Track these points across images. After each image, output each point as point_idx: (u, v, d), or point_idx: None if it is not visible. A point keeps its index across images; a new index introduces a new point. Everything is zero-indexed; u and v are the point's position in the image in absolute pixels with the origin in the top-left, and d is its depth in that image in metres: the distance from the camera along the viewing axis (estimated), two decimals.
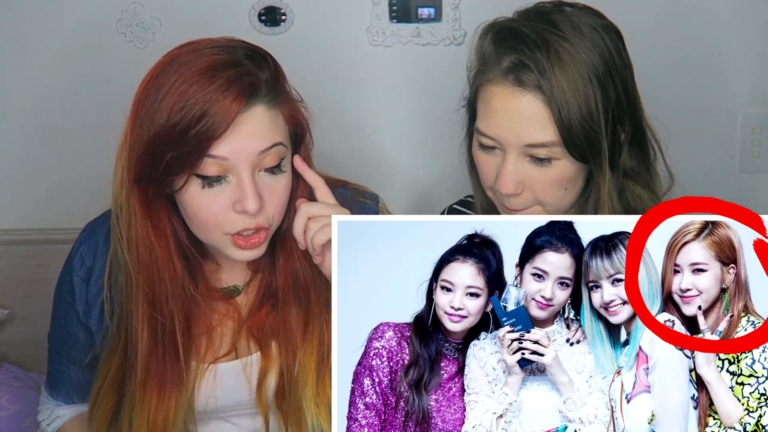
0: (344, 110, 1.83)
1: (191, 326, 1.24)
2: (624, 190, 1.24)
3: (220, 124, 1.09)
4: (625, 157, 1.22)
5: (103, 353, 1.27)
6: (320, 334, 1.25)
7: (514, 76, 1.16)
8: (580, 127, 1.14)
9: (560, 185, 1.19)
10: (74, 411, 1.37)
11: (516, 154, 1.18)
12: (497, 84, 1.18)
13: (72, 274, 1.29)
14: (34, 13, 1.80)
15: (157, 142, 1.11)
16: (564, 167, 1.18)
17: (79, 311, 1.29)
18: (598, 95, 1.15)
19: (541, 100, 1.14)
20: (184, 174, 1.12)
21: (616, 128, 1.19)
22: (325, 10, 1.79)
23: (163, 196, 1.17)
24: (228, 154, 1.11)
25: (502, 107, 1.17)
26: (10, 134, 1.87)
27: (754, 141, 1.85)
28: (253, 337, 1.27)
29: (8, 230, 1.90)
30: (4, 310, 1.87)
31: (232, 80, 1.10)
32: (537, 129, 1.15)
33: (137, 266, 1.19)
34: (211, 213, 1.14)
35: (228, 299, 1.28)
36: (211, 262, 1.28)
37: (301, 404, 1.24)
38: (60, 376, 1.35)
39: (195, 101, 1.09)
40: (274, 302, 1.26)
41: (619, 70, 1.18)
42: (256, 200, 1.12)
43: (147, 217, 1.17)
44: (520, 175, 1.18)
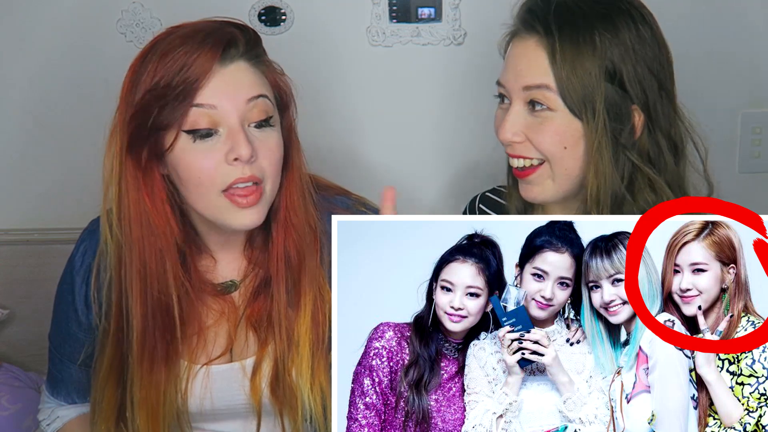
0: (344, 110, 1.84)
1: (185, 319, 1.25)
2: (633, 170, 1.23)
3: (200, 70, 1.13)
4: (644, 140, 1.23)
5: (96, 349, 1.27)
6: (314, 312, 1.25)
7: (525, 22, 1.22)
8: (574, 76, 1.18)
9: (559, 141, 1.21)
10: (74, 411, 1.37)
11: (518, 101, 1.22)
12: (515, 35, 1.25)
13: (72, 273, 1.29)
14: (34, 12, 1.80)
15: (143, 102, 1.14)
16: (562, 121, 1.20)
17: (79, 310, 1.29)
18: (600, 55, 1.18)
19: (542, 46, 1.19)
20: (173, 128, 1.14)
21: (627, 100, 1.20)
22: (325, 10, 1.79)
23: (157, 166, 1.18)
24: (216, 102, 1.14)
25: (512, 53, 1.24)
26: (9, 134, 1.87)
27: (754, 141, 1.85)
28: (252, 326, 1.27)
29: (8, 230, 1.90)
30: (4, 310, 1.87)
31: (209, 34, 1.16)
32: (534, 71, 1.20)
33: (130, 241, 1.19)
34: (204, 167, 1.15)
35: (224, 295, 1.28)
36: (208, 257, 1.28)
37: (296, 389, 1.24)
38: (60, 376, 1.35)
39: (175, 56, 1.13)
40: (270, 288, 1.27)
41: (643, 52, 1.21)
42: (247, 145, 1.14)
43: (142, 185, 1.18)
44: (520, 124, 1.22)
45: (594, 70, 1.18)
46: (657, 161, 1.23)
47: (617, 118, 1.20)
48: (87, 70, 1.82)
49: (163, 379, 1.23)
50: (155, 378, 1.22)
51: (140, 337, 1.21)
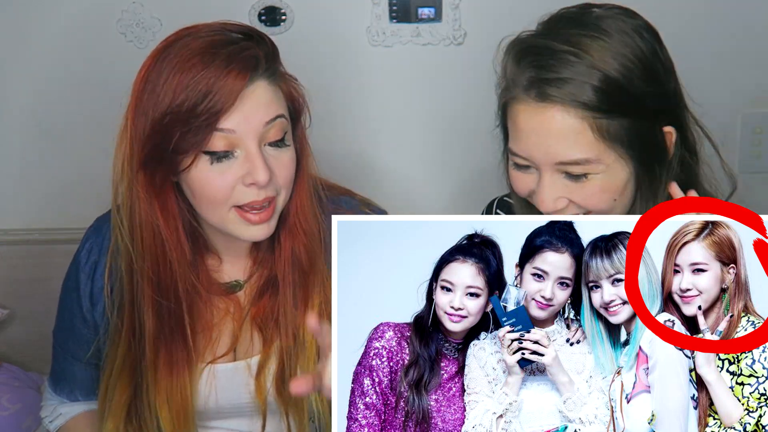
0: (344, 110, 1.84)
1: (194, 320, 1.25)
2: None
3: (226, 98, 1.11)
4: (675, 154, 1.17)
5: (107, 345, 1.27)
6: (320, 313, 1.25)
7: (537, 92, 1.12)
8: (612, 139, 1.10)
9: (606, 197, 1.15)
10: (77, 409, 1.37)
11: (551, 171, 1.14)
12: (521, 101, 1.14)
13: (78, 270, 1.30)
14: (34, 12, 1.80)
15: (164, 122, 1.12)
16: (604, 180, 1.13)
17: (83, 307, 1.29)
18: (630, 100, 1.10)
19: (567, 112, 1.10)
20: (193, 151, 1.13)
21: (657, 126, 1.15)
22: (325, 10, 1.79)
23: (170, 179, 1.18)
24: (235, 126, 1.13)
25: (528, 125, 1.13)
26: (10, 134, 1.87)
27: (754, 141, 1.85)
28: (257, 325, 1.27)
29: (8, 230, 1.90)
30: (5, 310, 1.87)
31: (232, 56, 1.13)
32: (567, 146, 1.11)
33: (141, 253, 1.20)
34: (220, 188, 1.15)
35: (229, 294, 1.28)
36: (213, 256, 1.28)
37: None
38: (64, 373, 1.35)
39: (199, 78, 1.11)
40: (275, 288, 1.27)
41: (654, 68, 1.14)
42: (265, 170, 1.14)
43: (155, 200, 1.17)
44: (559, 191, 1.14)
45: (624, 112, 1.10)
46: (686, 170, 1.21)
47: (657, 151, 1.15)
48: (87, 70, 1.82)
49: (187, 381, 1.24)
50: (177, 382, 1.23)
51: (153, 343, 1.22)
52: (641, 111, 1.13)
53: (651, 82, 1.13)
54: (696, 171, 1.23)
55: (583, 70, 1.10)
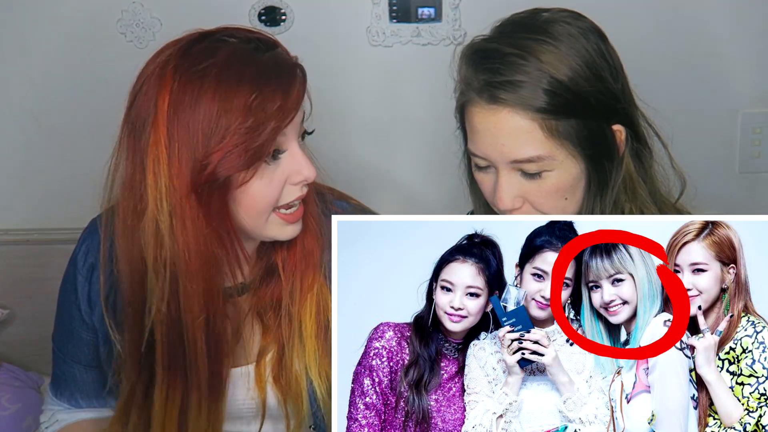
0: (344, 110, 1.84)
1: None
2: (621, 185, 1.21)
3: (282, 139, 1.12)
4: (626, 153, 1.20)
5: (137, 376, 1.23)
6: (318, 301, 1.24)
7: (488, 94, 1.15)
8: (561, 136, 1.14)
9: (559, 195, 1.18)
10: (75, 417, 1.36)
11: (507, 170, 1.17)
12: (475, 104, 1.17)
13: (75, 272, 1.29)
14: (34, 12, 1.80)
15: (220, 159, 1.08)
16: (558, 177, 1.17)
17: (82, 309, 1.28)
18: (577, 96, 1.13)
19: (517, 113, 1.13)
20: (257, 164, 1.10)
21: (606, 124, 1.18)
22: (325, 10, 1.79)
23: (226, 197, 1.12)
24: (287, 129, 1.13)
25: (482, 127, 1.17)
26: (10, 134, 1.87)
27: (754, 141, 1.85)
28: (257, 314, 1.26)
29: (8, 230, 1.90)
30: (4, 310, 1.87)
31: (287, 95, 1.12)
32: (519, 145, 1.14)
33: (191, 275, 1.13)
34: (274, 191, 1.14)
35: (236, 298, 1.28)
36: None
37: (300, 378, 1.24)
38: (64, 377, 1.35)
39: (258, 119, 1.08)
40: (272, 276, 1.26)
41: (601, 69, 1.17)
42: (311, 166, 1.15)
43: (206, 221, 1.11)
44: (516, 189, 1.18)
45: (572, 113, 1.14)
46: (639, 171, 1.23)
47: (606, 148, 1.18)
48: (87, 70, 1.82)
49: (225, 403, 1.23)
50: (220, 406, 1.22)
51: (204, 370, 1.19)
52: (589, 111, 1.15)
53: (597, 83, 1.16)
54: (649, 166, 1.25)
55: (532, 74, 1.13)
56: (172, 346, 1.17)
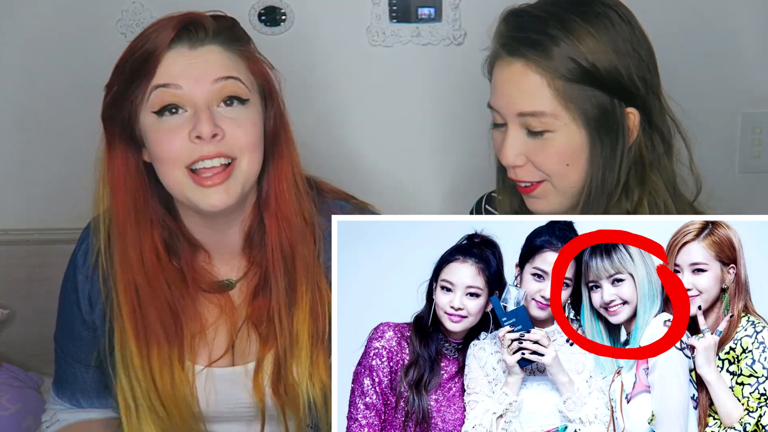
0: (343, 110, 1.83)
1: (187, 318, 1.25)
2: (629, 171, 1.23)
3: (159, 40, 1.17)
4: (639, 139, 1.21)
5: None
6: (312, 306, 1.25)
7: (509, 48, 1.20)
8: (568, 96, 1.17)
9: (560, 159, 1.20)
10: (76, 417, 1.36)
11: (515, 125, 1.20)
12: (498, 57, 1.22)
13: (75, 272, 1.29)
14: (34, 12, 1.80)
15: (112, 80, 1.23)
16: (561, 141, 1.18)
17: (82, 308, 1.29)
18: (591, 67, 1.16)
19: (530, 68, 1.17)
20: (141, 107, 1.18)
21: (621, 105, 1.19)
22: (325, 10, 1.79)
23: (141, 159, 1.22)
24: (181, 81, 1.16)
25: (499, 78, 1.22)
26: (9, 134, 1.87)
27: (754, 141, 1.85)
28: (253, 325, 1.27)
29: (8, 230, 1.90)
30: (4, 310, 1.87)
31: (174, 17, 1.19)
32: (526, 97, 1.18)
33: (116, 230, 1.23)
34: (170, 143, 1.17)
35: (221, 293, 1.28)
36: (203, 253, 1.28)
37: (297, 386, 1.24)
38: (66, 376, 1.35)
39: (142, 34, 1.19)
40: (269, 286, 1.26)
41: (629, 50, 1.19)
42: (209, 123, 1.16)
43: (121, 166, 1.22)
44: (519, 146, 1.20)
45: (586, 84, 1.17)
46: (652, 159, 1.23)
47: (613, 125, 1.19)
48: (87, 70, 1.82)
49: (184, 381, 1.25)
50: (174, 381, 1.24)
51: (140, 341, 1.23)
52: (604, 87, 1.18)
53: (624, 70, 1.18)
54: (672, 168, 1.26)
55: (563, 49, 1.17)
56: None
